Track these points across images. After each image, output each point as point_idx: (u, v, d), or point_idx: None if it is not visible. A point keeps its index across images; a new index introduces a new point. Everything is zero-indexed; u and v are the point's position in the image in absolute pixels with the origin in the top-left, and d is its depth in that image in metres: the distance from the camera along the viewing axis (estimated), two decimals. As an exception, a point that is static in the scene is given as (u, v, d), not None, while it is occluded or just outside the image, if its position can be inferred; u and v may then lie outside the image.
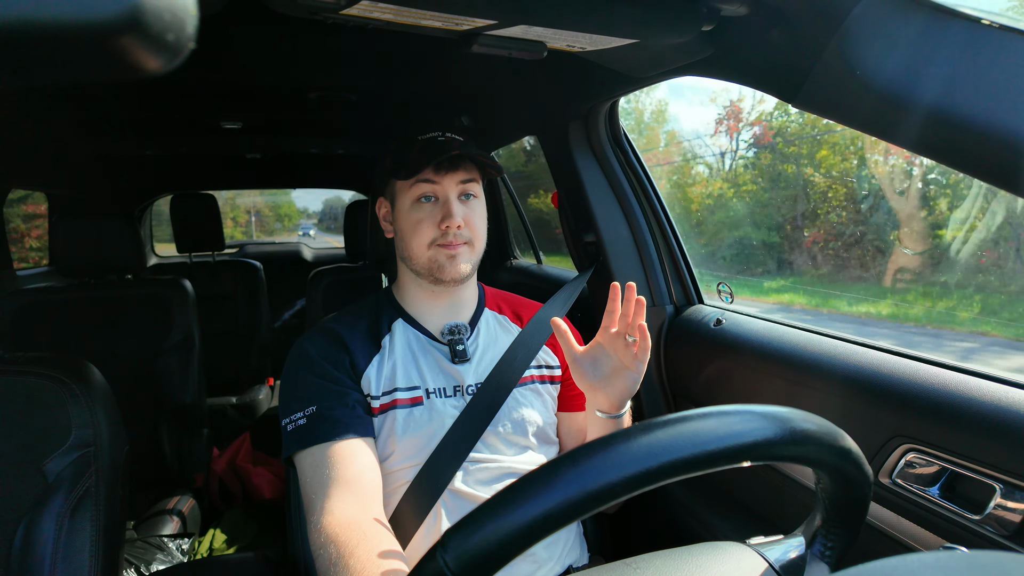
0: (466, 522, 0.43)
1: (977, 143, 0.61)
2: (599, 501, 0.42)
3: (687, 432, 0.44)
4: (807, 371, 1.04)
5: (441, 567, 0.42)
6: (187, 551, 1.83)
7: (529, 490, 0.43)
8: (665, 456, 0.43)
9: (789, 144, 7.92)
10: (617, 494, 0.42)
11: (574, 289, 1.34)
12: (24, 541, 0.88)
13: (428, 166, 1.03)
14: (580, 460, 0.43)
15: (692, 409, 0.46)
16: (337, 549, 0.81)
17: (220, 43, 1.24)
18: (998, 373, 0.82)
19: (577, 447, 0.44)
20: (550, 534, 0.42)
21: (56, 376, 0.96)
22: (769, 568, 0.55)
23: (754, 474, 1.17)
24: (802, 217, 6.53)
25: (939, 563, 0.35)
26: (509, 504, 0.42)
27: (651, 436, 0.44)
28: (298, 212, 34.18)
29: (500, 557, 0.42)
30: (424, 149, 1.05)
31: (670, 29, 0.88)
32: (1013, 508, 0.74)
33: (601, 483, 0.42)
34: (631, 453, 0.43)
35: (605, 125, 1.49)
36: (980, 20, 0.61)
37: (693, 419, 0.45)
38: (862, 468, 0.51)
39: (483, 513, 0.43)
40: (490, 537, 0.42)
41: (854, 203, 6.51)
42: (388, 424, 1.02)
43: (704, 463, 0.43)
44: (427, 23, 0.85)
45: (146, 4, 0.21)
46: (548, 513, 0.41)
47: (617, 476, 0.42)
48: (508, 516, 0.42)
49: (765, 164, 9.04)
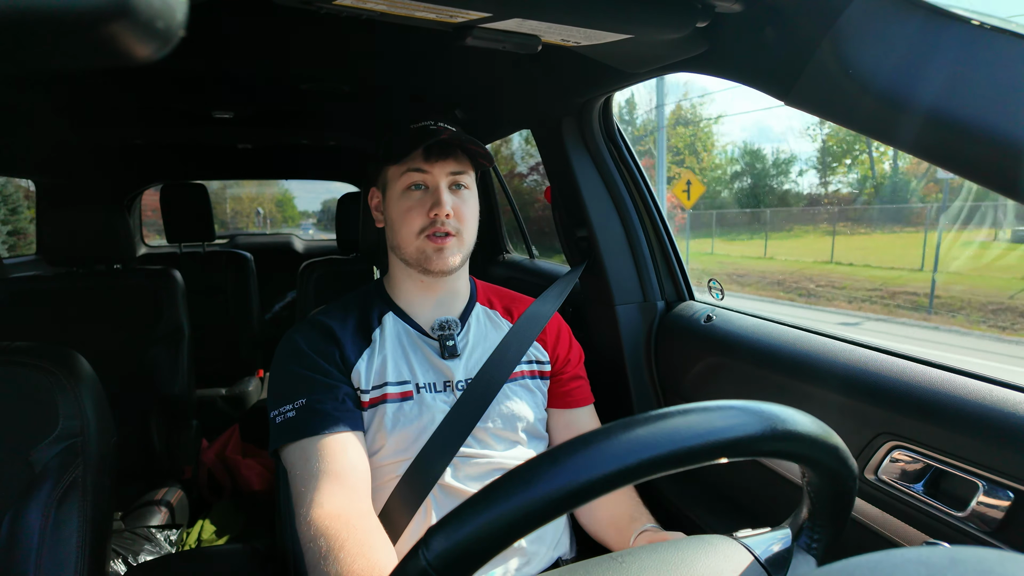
0: (448, 520, 0.43)
1: (971, 146, 0.62)
2: (580, 498, 0.42)
3: (667, 429, 0.44)
4: (796, 368, 1.05)
5: (424, 565, 0.42)
6: (175, 542, 1.83)
7: (509, 488, 0.43)
8: (645, 453, 0.43)
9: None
10: (598, 491, 0.42)
11: (566, 284, 1.34)
12: (10, 532, 0.87)
13: (418, 148, 1.03)
14: (560, 458, 0.43)
15: (676, 405, 0.47)
16: (327, 542, 0.81)
17: (211, 32, 1.22)
18: (984, 372, 0.83)
19: (558, 445, 0.44)
20: (531, 531, 0.42)
21: (43, 366, 0.95)
22: (755, 561, 0.55)
23: (742, 468, 1.18)
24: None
25: (921, 558, 0.35)
26: (490, 502, 0.43)
27: (631, 433, 0.44)
28: (299, 214, 37.46)
29: (481, 554, 0.42)
30: (416, 135, 1.05)
31: (664, 25, 0.88)
32: (995, 505, 0.75)
33: (581, 480, 0.42)
34: (612, 450, 0.43)
35: (599, 120, 1.49)
36: (973, 21, 0.61)
37: (674, 416, 0.45)
38: (847, 463, 0.52)
39: (464, 511, 0.43)
40: (471, 535, 0.42)
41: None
42: (378, 418, 1.02)
43: (685, 460, 0.44)
44: (421, 15, 0.84)
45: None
46: (528, 511, 0.42)
47: (597, 473, 0.42)
48: (488, 514, 0.42)
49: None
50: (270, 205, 34.03)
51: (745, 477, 1.19)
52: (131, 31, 0.21)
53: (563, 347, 1.21)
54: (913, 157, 0.71)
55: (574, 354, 1.23)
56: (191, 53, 1.35)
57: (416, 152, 1.05)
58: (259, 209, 32.63)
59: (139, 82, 1.64)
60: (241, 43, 1.35)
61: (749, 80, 0.90)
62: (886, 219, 24.99)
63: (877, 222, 25.23)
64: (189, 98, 1.89)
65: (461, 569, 0.42)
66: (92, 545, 0.92)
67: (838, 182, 34.30)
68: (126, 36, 0.22)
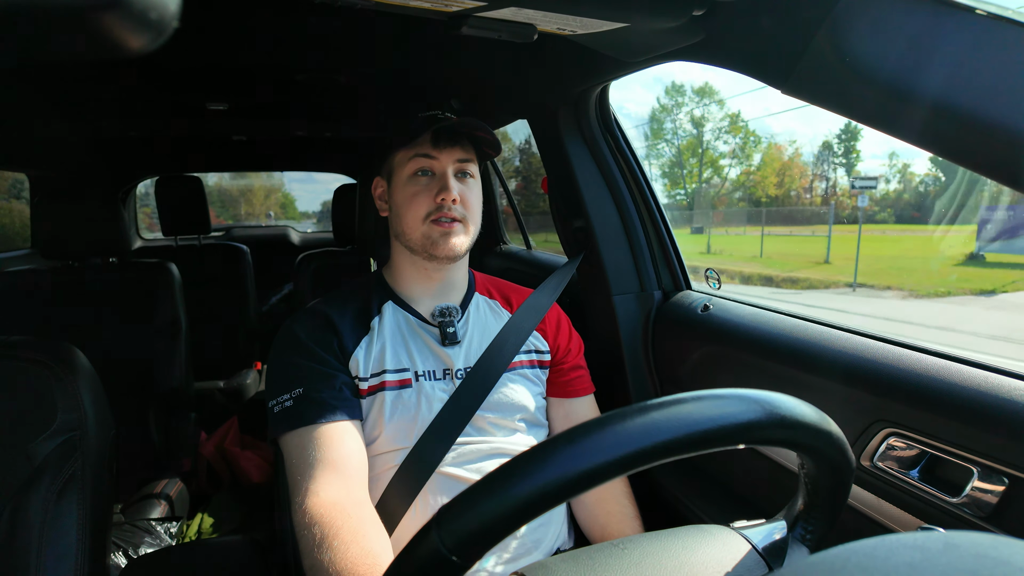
0: (461, 499, 0.43)
1: (972, 136, 0.62)
2: (594, 480, 0.42)
3: (681, 413, 0.44)
4: (792, 356, 1.05)
5: (436, 543, 0.42)
6: (175, 534, 1.84)
7: (525, 468, 0.43)
8: (659, 436, 0.43)
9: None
10: (612, 473, 0.42)
11: (564, 275, 1.34)
12: (10, 525, 0.87)
13: (428, 131, 1.05)
14: (576, 439, 0.43)
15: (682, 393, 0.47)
16: (322, 530, 0.81)
17: (205, 22, 1.21)
18: (979, 359, 0.83)
19: (573, 427, 0.45)
20: (545, 511, 0.43)
21: (41, 360, 0.95)
22: (752, 550, 0.56)
23: (739, 458, 1.19)
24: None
25: (917, 543, 0.35)
26: (505, 481, 0.43)
27: (646, 417, 0.44)
28: (300, 215, 41.21)
29: (495, 534, 0.42)
30: (425, 121, 1.07)
31: (661, 13, 0.87)
32: (990, 491, 0.75)
33: (597, 462, 0.42)
34: (627, 433, 0.43)
35: (596, 110, 1.48)
36: (977, 11, 0.61)
37: (687, 401, 0.46)
38: (845, 452, 0.52)
39: (478, 490, 0.43)
40: (485, 513, 0.42)
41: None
42: (376, 406, 1.02)
43: (697, 444, 0.44)
44: (415, 4, 0.84)
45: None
46: (544, 490, 0.42)
47: (612, 455, 0.42)
48: (504, 493, 0.42)
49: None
50: (276, 208, 38.51)
51: (739, 467, 1.20)
52: (124, 22, 0.21)
53: (563, 337, 1.22)
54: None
55: (574, 344, 1.23)
56: (185, 44, 1.34)
57: (424, 138, 1.06)
58: (270, 212, 36.84)
59: (133, 74, 1.62)
60: (236, 34, 1.34)
61: (746, 68, 0.90)
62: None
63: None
64: (184, 90, 1.87)
65: (474, 547, 0.42)
66: (92, 538, 0.92)
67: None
68: (119, 27, 0.21)
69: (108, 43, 0.22)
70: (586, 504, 1.13)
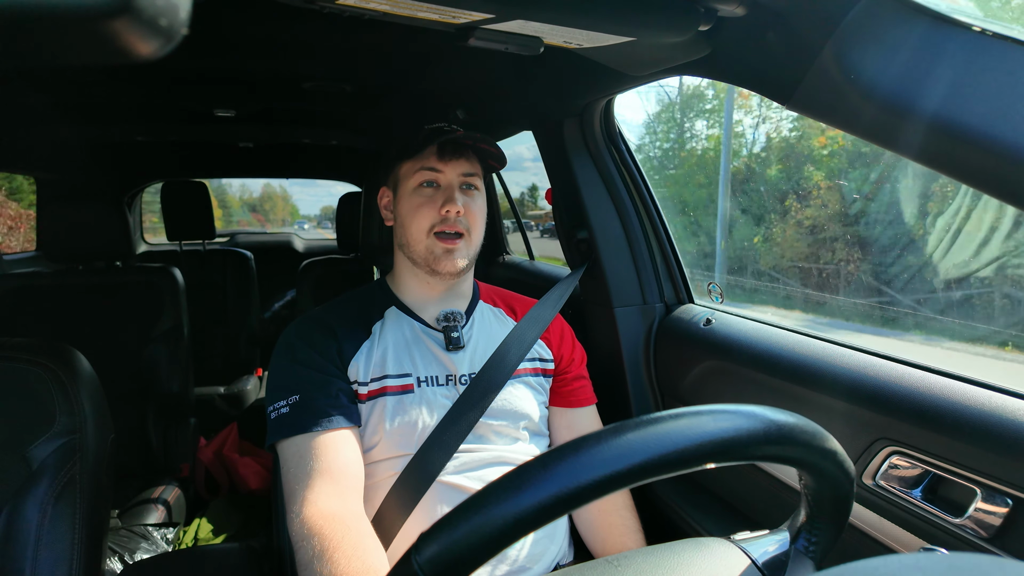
0: (439, 526, 0.43)
1: (973, 153, 0.62)
2: (570, 504, 0.42)
3: (660, 433, 0.44)
4: (795, 372, 1.05)
5: (415, 570, 0.42)
6: (172, 540, 1.82)
7: (500, 494, 0.43)
8: (636, 458, 0.42)
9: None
10: (587, 497, 0.42)
11: (567, 286, 1.34)
12: (6, 528, 0.87)
13: (434, 144, 1.06)
14: (550, 464, 0.43)
15: (671, 409, 0.46)
16: (320, 542, 0.81)
17: (214, 30, 1.22)
18: (983, 378, 0.83)
19: (548, 451, 0.44)
20: (522, 537, 0.42)
21: (41, 363, 0.95)
22: (751, 564, 0.55)
23: (741, 472, 1.18)
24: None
25: (919, 564, 0.35)
26: (480, 508, 0.42)
27: (622, 438, 0.43)
28: (300, 216, 45.47)
29: (472, 561, 0.42)
30: (431, 134, 1.08)
31: (667, 28, 0.88)
32: (993, 511, 0.74)
33: (571, 486, 0.41)
34: (602, 456, 0.42)
35: (601, 123, 1.49)
36: (976, 28, 0.61)
37: (666, 420, 0.45)
38: (844, 467, 0.52)
39: (456, 517, 0.43)
40: (462, 541, 0.42)
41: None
42: (377, 411, 1.02)
43: (677, 464, 0.43)
44: (423, 15, 0.84)
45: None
46: (519, 517, 0.41)
47: (587, 479, 0.42)
48: (480, 520, 0.42)
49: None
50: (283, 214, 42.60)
51: (743, 481, 1.19)
52: (133, 28, 0.22)
53: (567, 347, 1.22)
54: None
55: (577, 354, 1.23)
56: (194, 51, 1.35)
57: (430, 150, 1.07)
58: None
59: (141, 79, 1.64)
60: (244, 42, 1.35)
61: (750, 84, 0.90)
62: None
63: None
64: (191, 96, 1.88)
65: (454, 574, 0.42)
66: (88, 542, 0.92)
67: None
68: (128, 33, 0.22)
69: (118, 49, 0.22)
70: (587, 517, 1.12)
